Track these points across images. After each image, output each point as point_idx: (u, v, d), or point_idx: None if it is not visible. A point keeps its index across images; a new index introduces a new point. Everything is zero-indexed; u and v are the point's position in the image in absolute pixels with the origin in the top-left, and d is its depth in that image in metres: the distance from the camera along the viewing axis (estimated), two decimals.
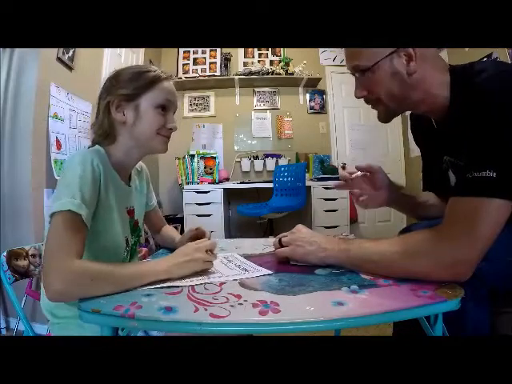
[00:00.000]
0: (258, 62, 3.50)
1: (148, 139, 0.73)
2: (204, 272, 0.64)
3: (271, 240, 1.04)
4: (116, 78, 0.73)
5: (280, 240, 0.71)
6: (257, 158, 3.40)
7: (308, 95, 3.51)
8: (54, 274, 0.52)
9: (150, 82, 0.72)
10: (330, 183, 2.87)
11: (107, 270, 0.55)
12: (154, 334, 0.77)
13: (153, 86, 0.72)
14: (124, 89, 0.71)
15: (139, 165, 0.88)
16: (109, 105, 0.72)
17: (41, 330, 1.32)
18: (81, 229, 0.58)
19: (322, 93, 3.52)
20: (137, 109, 0.71)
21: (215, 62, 3.44)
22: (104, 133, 0.73)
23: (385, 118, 0.73)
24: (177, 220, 2.92)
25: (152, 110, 0.72)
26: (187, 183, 3.00)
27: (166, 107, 0.74)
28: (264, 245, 0.91)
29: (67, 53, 1.79)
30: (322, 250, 0.64)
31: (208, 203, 2.81)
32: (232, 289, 0.55)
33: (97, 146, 0.73)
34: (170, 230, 0.98)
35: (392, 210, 2.54)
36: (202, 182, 2.95)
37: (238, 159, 3.45)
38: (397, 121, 3.32)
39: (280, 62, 3.42)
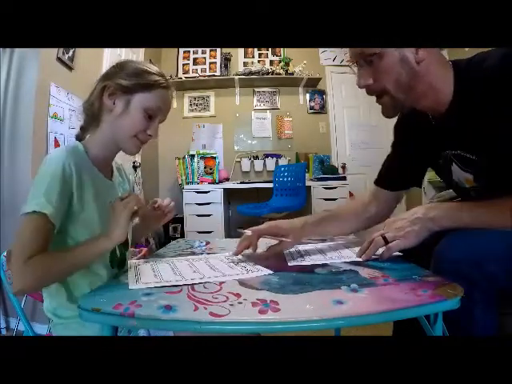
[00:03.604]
0: (258, 61, 3.50)
1: (124, 138, 0.73)
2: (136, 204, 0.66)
3: (271, 240, 1.04)
4: (120, 67, 0.74)
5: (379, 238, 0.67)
6: (257, 157, 3.40)
7: (308, 95, 3.51)
8: (13, 275, 0.58)
9: (150, 83, 0.72)
10: (330, 183, 2.88)
11: (60, 254, 0.62)
12: (156, 333, 0.76)
13: (151, 88, 0.72)
14: (124, 79, 0.71)
15: (117, 162, 0.87)
16: (104, 88, 0.72)
17: (41, 330, 1.31)
18: (44, 228, 0.60)
19: (322, 93, 3.52)
20: (127, 103, 0.71)
21: (215, 62, 3.44)
22: (91, 112, 0.74)
23: (390, 111, 0.70)
24: (177, 220, 2.92)
25: (140, 110, 0.71)
26: (187, 183, 3.00)
27: (154, 114, 0.73)
28: (264, 245, 0.91)
29: (67, 53, 1.80)
30: (428, 221, 0.64)
31: (208, 203, 2.81)
32: (232, 288, 0.55)
33: (75, 143, 0.74)
34: None
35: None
36: (202, 182, 2.95)
37: (238, 159, 3.46)
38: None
39: (280, 62, 3.42)
